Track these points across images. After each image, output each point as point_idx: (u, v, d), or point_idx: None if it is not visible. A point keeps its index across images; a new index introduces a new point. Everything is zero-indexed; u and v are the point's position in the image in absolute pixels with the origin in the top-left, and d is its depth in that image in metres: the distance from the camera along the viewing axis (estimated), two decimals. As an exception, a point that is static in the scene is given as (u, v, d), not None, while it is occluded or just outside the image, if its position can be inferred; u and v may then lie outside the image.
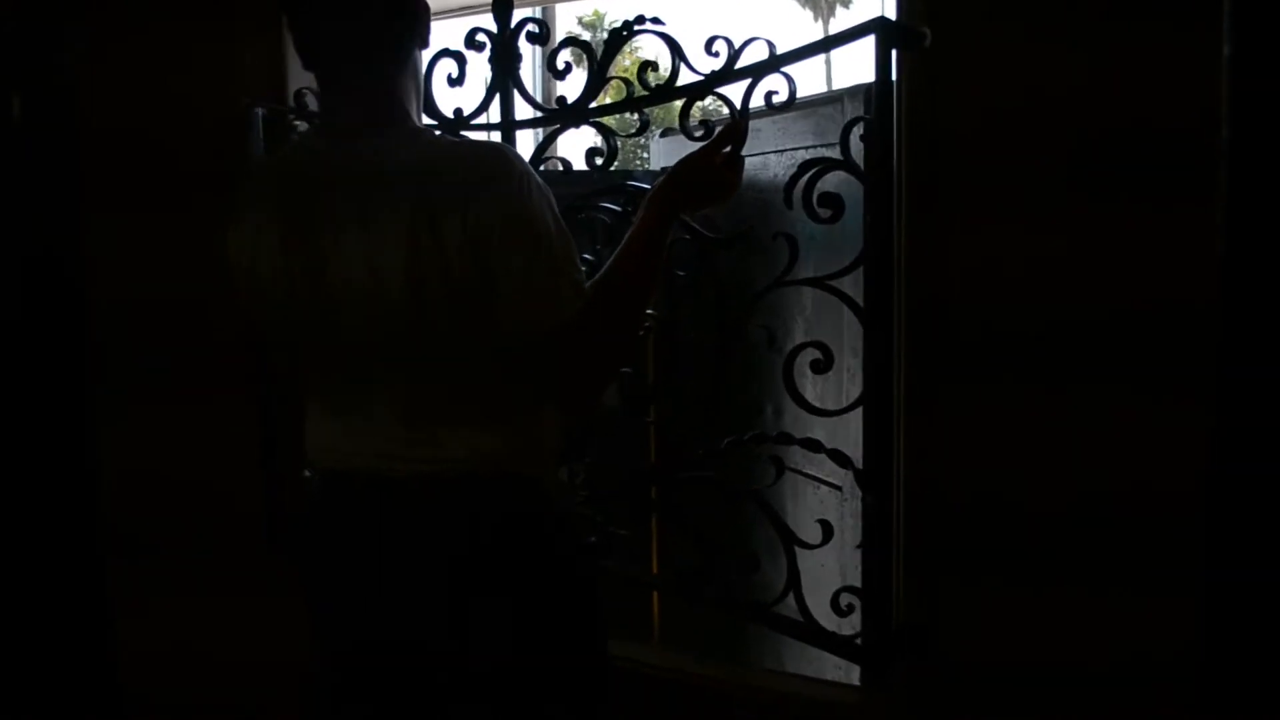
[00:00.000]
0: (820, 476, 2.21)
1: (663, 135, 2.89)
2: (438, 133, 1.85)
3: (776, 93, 1.67)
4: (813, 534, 1.80)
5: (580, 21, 21.37)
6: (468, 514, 1.38)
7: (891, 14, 1.64)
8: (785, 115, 2.03)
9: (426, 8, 1.45)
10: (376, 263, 1.31)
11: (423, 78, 1.48)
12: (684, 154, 1.52)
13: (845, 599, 1.72)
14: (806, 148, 2.17)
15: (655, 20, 1.76)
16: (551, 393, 1.41)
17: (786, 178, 1.66)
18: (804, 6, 24.83)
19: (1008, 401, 1.57)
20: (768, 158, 2.32)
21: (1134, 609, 1.51)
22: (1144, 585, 1.50)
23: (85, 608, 2.48)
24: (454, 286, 1.29)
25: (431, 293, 1.30)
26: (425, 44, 1.47)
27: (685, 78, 1.78)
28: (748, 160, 1.56)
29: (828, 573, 1.99)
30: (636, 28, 1.79)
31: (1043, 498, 1.56)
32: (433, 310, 1.31)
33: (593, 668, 1.50)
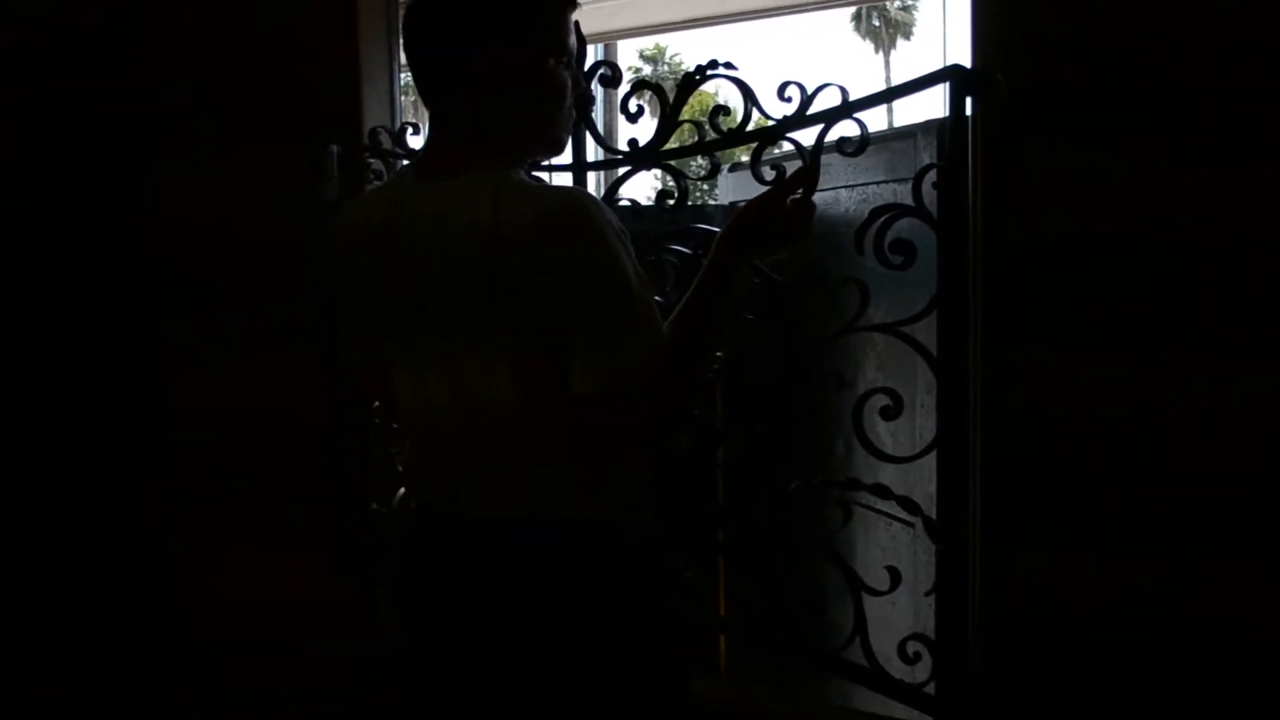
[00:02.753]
0: (892, 513, 2.18)
1: (731, 170, 2.90)
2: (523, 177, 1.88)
3: (849, 139, 1.66)
4: (881, 577, 1.78)
5: (641, 55, 21.56)
6: (547, 556, 1.39)
7: (950, 48, 1.63)
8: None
9: (546, 12, 1.42)
10: (452, 316, 1.33)
11: (549, 94, 1.44)
12: (752, 188, 1.51)
13: (912, 646, 1.69)
14: (878, 183, 2.16)
15: (728, 65, 1.77)
16: (626, 436, 1.41)
17: (857, 213, 1.66)
18: (864, 38, 24.79)
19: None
20: (839, 193, 2.31)
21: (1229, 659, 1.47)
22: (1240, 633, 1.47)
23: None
24: (528, 339, 1.31)
25: (506, 345, 1.31)
26: (561, 55, 1.44)
27: (756, 121, 1.78)
28: (818, 195, 1.55)
29: (900, 611, 1.97)
30: (710, 72, 1.80)
31: (1120, 543, 1.53)
32: (507, 363, 1.32)
33: (671, 705, 1.50)
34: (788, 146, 1.76)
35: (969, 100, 1.57)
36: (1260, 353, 1.45)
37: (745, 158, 1.82)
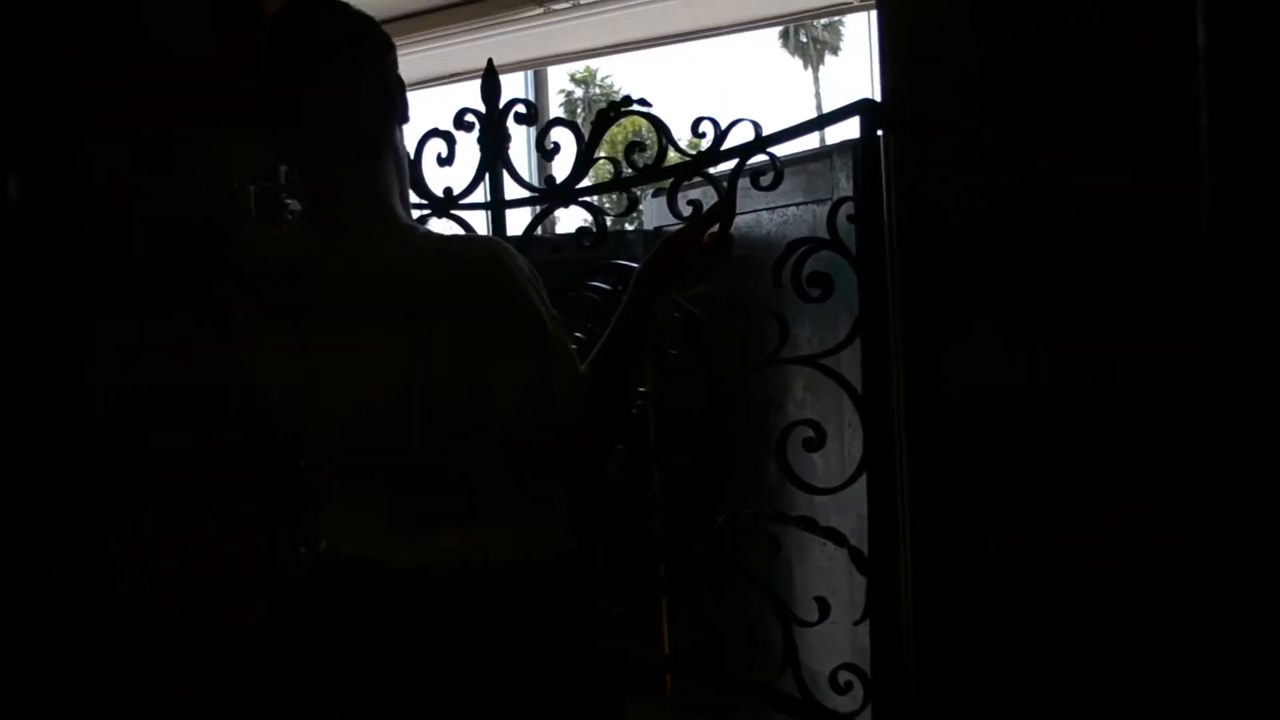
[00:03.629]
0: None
1: (655, 195, 2.90)
2: (427, 224, 1.86)
3: (764, 174, 1.67)
4: (813, 607, 1.78)
5: (572, 78, 21.64)
6: (459, 603, 1.36)
7: (877, 65, 1.64)
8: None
9: (402, 85, 1.42)
10: (365, 367, 1.30)
11: (405, 158, 1.46)
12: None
13: (844, 676, 1.69)
14: (798, 204, 2.16)
15: (642, 101, 1.77)
16: (550, 476, 1.41)
17: (779, 234, 1.66)
18: (794, 54, 25.11)
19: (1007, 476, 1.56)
20: (760, 215, 2.30)
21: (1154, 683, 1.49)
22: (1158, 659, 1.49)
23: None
24: (444, 391, 1.28)
25: (421, 397, 1.29)
26: (405, 120, 1.45)
27: (674, 157, 1.79)
28: (738, 218, 1.55)
29: (840, 632, 1.97)
30: (624, 109, 1.80)
31: (1044, 564, 1.55)
32: (422, 414, 1.30)
33: None
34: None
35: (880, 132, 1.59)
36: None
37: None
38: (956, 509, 1.59)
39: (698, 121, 1.72)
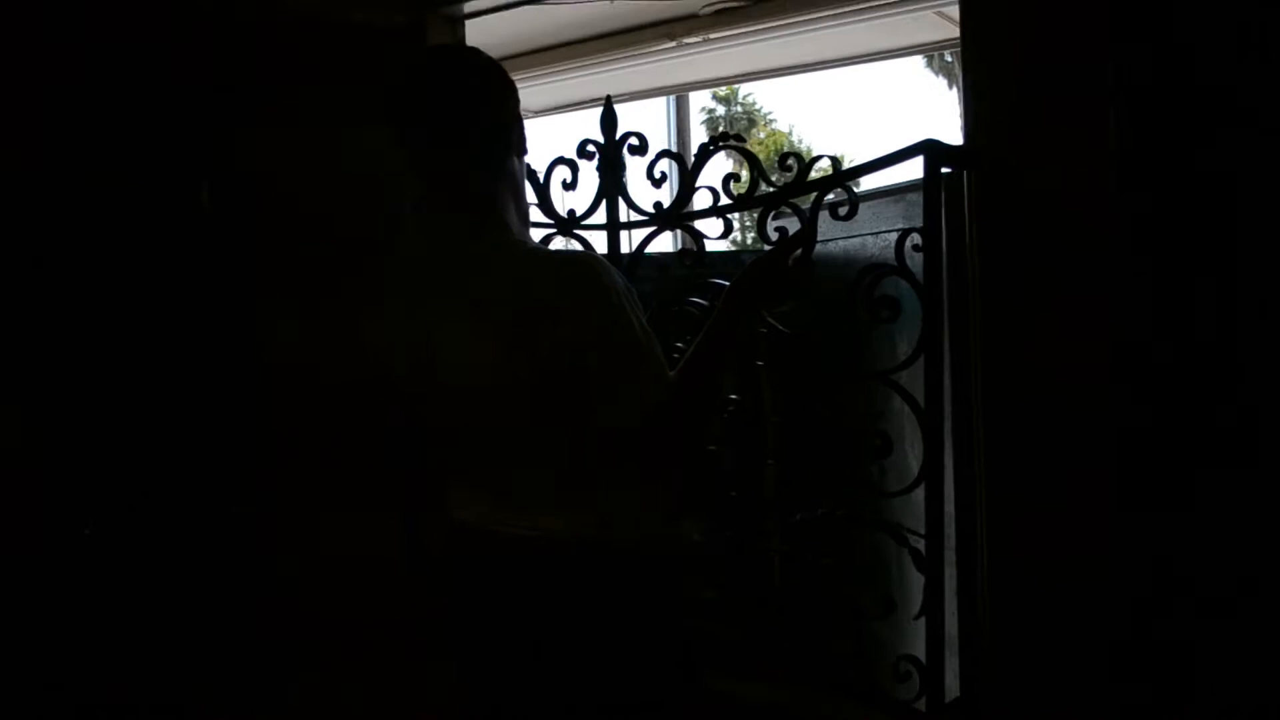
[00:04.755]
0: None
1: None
2: (551, 242, 2.11)
3: (841, 205, 1.86)
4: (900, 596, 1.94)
5: (714, 96, 21.88)
6: (562, 576, 1.57)
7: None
8: (875, 201, 2.20)
9: (520, 121, 1.66)
10: (479, 358, 1.53)
11: (522, 185, 1.70)
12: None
13: (904, 666, 1.85)
14: (876, 233, 2.32)
15: (738, 138, 1.99)
16: (640, 470, 1.59)
17: (862, 257, 1.84)
18: (938, 75, 24.76)
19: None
20: (841, 244, 2.47)
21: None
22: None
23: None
24: (544, 381, 1.49)
25: (525, 387, 1.50)
26: (523, 152, 1.68)
27: (765, 188, 1.99)
28: (843, 244, 1.72)
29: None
30: (721, 144, 2.01)
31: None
32: (526, 401, 1.52)
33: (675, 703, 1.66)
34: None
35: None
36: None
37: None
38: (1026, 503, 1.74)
39: (784, 156, 1.92)
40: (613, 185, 2.23)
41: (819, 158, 1.89)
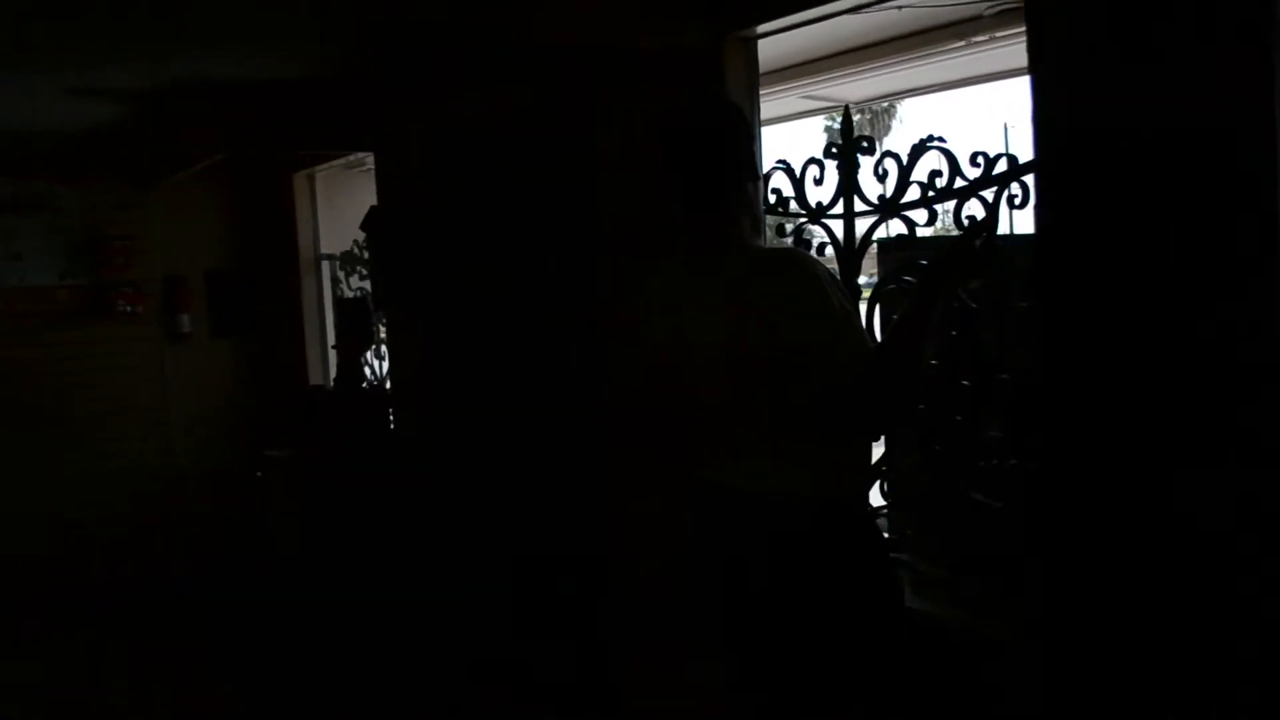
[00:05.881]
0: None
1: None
2: (805, 228, 2.57)
3: (1016, 196, 2.15)
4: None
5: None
6: (774, 523, 1.95)
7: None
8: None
9: (752, 153, 2.10)
10: (712, 338, 1.96)
11: (758, 203, 2.09)
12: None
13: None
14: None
15: (940, 139, 2.33)
16: (846, 433, 1.95)
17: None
18: None
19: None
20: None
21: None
22: None
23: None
24: (764, 360, 1.87)
25: (745, 360, 1.90)
26: (755, 177, 2.12)
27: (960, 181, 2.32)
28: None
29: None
30: (929, 145, 2.36)
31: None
32: (747, 372, 1.91)
33: (888, 618, 2.00)
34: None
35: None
36: None
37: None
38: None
39: (974, 155, 2.24)
40: (848, 182, 2.62)
41: (999, 156, 2.19)
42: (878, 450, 2.39)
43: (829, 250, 2.66)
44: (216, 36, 3.70)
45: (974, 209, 2.26)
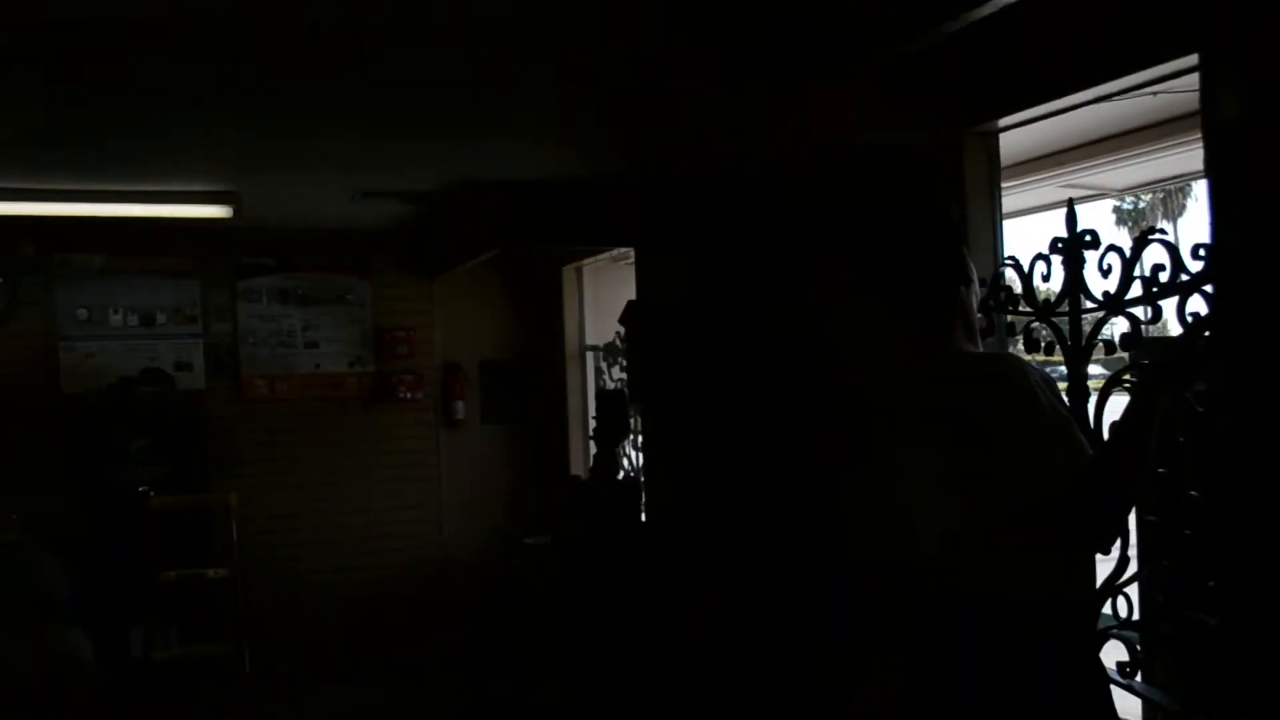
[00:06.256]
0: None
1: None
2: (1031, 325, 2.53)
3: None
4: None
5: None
6: (1003, 623, 1.91)
7: None
8: None
9: (963, 261, 2.10)
10: (931, 450, 1.98)
11: (970, 304, 2.09)
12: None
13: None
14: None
15: (1161, 231, 2.20)
16: (1065, 542, 1.91)
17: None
18: None
19: None
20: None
21: None
22: None
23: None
24: (979, 464, 1.87)
25: (964, 467, 1.90)
26: (968, 281, 2.11)
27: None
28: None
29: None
30: (1150, 238, 2.23)
31: None
32: (968, 479, 1.91)
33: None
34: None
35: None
36: None
37: None
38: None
39: (1196, 248, 2.09)
40: (1074, 278, 2.51)
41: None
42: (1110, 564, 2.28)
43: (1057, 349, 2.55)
44: (492, 139, 4.04)
45: (1198, 305, 2.10)
